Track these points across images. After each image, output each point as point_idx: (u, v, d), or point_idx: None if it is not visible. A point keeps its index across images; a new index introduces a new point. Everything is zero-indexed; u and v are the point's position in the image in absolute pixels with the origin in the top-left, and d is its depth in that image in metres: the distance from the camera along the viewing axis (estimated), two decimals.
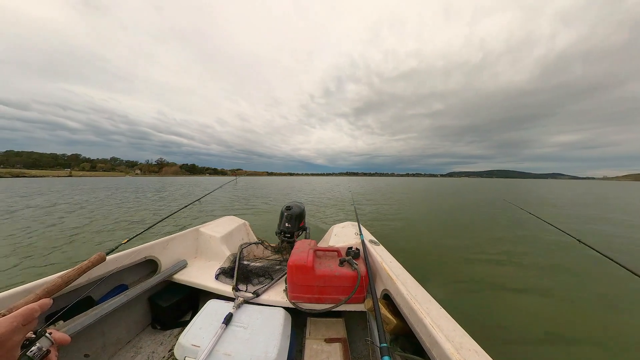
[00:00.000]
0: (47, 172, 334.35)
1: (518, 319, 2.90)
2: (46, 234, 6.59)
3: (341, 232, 2.46)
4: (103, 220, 8.43)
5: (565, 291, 3.59)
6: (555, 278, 4.07)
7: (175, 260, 2.09)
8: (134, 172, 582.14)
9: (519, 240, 6.38)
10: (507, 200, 5.90)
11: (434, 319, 0.99)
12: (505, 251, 5.42)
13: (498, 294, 3.52)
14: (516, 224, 8.10)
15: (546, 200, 18.82)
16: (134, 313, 1.82)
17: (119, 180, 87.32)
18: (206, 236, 2.38)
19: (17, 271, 4.13)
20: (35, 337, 0.58)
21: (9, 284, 3.81)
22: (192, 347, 1.12)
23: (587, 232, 7.51)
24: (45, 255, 4.91)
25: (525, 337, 2.62)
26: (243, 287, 1.74)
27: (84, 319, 1.28)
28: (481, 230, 7.51)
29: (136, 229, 7.27)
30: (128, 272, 1.81)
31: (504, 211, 11.25)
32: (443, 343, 0.85)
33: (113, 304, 1.45)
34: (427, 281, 3.78)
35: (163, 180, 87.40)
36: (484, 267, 4.48)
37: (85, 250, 5.25)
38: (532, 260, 4.88)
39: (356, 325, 1.93)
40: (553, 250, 5.52)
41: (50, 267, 4.33)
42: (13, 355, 0.49)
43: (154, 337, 1.82)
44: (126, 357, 1.63)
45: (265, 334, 1.23)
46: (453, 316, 1.02)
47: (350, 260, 1.58)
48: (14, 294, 1.15)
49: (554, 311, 3.10)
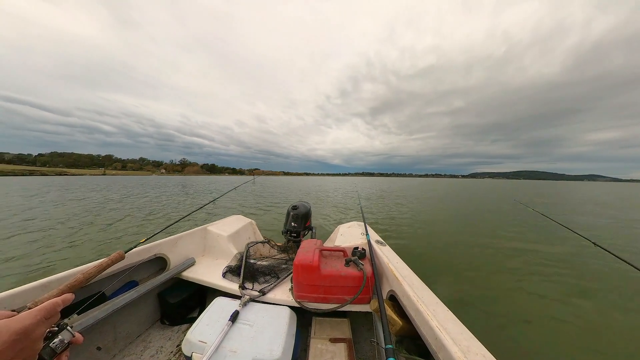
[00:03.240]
0: (84, 171, 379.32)
1: (533, 329, 2.80)
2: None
3: (347, 232, 2.44)
4: (136, 215, 9.13)
5: (594, 314, 3.15)
6: (586, 297, 3.55)
7: (183, 258, 2.13)
8: (160, 171, 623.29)
9: (544, 249, 6.04)
10: (519, 201, 5.67)
11: (441, 321, 0.97)
12: (517, 248, 5.29)
13: (513, 301, 3.41)
14: (538, 230, 7.72)
15: (578, 203, 17.46)
16: (144, 309, 1.87)
17: (147, 178, 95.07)
18: (214, 235, 2.41)
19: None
20: (57, 329, 0.61)
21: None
22: (199, 343, 1.14)
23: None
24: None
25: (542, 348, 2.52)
26: (249, 285, 1.76)
27: (96, 313, 1.32)
28: (494, 231, 7.35)
29: (153, 226, 7.61)
30: (138, 268, 1.86)
31: (522, 214, 10.92)
32: (450, 346, 0.83)
33: (124, 300, 1.49)
34: (434, 283, 3.71)
35: (185, 179, 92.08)
36: (496, 271, 4.38)
37: (103, 245, 5.51)
38: (554, 270, 4.52)
39: (361, 325, 1.92)
40: (578, 258, 5.19)
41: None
42: (37, 345, 0.52)
43: (163, 332, 1.87)
44: (136, 351, 1.67)
45: (270, 332, 1.24)
46: (461, 319, 1.00)
47: (356, 260, 1.58)
48: (36, 287, 1.21)
49: (576, 327, 2.85)
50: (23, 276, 3.94)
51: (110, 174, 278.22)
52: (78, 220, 8.22)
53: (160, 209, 10.89)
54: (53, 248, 5.31)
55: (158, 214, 9.68)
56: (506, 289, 3.69)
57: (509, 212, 11.31)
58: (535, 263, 4.78)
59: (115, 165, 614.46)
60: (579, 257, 5.11)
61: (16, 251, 5.10)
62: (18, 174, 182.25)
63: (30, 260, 4.60)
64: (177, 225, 7.35)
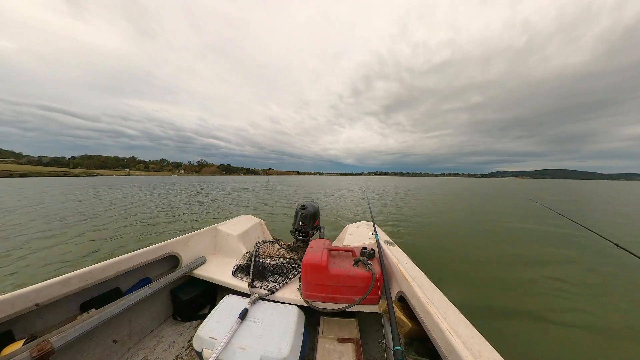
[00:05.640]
0: (111, 172, 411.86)
1: (549, 335, 2.69)
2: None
3: (356, 232, 2.43)
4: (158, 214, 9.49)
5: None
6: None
7: (195, 257, 2.18)
8: (179, 171, 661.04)
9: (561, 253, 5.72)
10: (534, 199, 5.35)
11: (452, 324, 0.94)
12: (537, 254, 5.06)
13: (527, 305, 3.27)
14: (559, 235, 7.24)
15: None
16: (157, 305, 1.94)
17: (169, 178, 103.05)
18: (224, 234, 2.46)
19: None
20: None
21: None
22: (209, 339, 1.17)
23: None
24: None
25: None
26: (258, 283, 1.78)
27: (113, 307, 1.38)
28: (509, 232, 7.09)
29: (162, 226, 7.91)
30: (152, 266, 1.92)
31: (541, 215, 10.46)
32: (460, 350, 0.81)
33: (138, 296, 1.54)
34: (445, 285, 3.61)
35: (202, 179, 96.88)
36: (510, 276, 4.22)
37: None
38: (574, 273, 4.21)
39: (370, 326, 1.91)
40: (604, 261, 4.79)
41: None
42: None
43: (175, 328, 1.92)
44: (149, 345, 1.73)
45: (279, 330, 1.25)
46: (473, 323, 0.97)
47: (364, 260, 1.56)
48: (59, 282, 1.29)
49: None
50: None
51: (134, 175, 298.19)
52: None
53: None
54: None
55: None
56: (521, 293, 3.56)
57: (527, 212, 10.86)
58: (553, 263, 4.59)
59: (139, 166, 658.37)
60: (608, 266, 4.78)
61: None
62: (54, 175, 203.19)
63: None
64: (189, 224, 7.71)
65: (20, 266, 4.33)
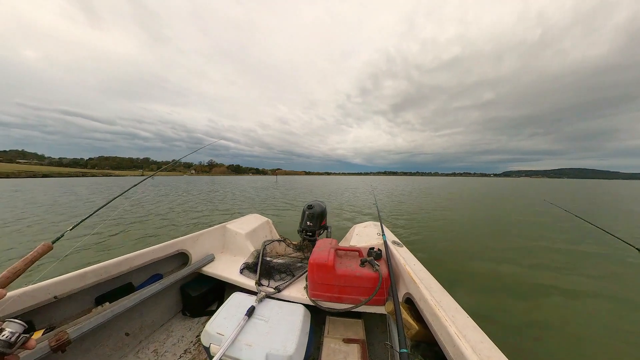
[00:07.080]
0: (126, 173, 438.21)
1: (563, 345, 2.57)
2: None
3: (363, 232, 2.41)
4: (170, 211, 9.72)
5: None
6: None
7: (204, 254, 2.23)
8: (190, 172, 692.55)
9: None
10: (549, 200, 5.01)
11: (460, 328, 0.92)
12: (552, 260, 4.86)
13: (540, 311, 3.15)
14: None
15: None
16: (167, 300, 1.99)
17: (181, 178, 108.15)
18: (232, 232, 2.50)
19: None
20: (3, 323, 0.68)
21: None
22: (217, 335, 1.19)
23: None
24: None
25: None
26: (265, 282, 1.80)
27: (126, 302, 1.44)
28: (521, 237, 6.84)
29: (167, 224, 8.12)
30: (163, 262, 1.98)
31: (557, 217, 10.04)
32: (469, 355, 0.79)
33: (150, 291, 1.59)
34: (454, 288, 3.53)
35: (213, 179, 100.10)
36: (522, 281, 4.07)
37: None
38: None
39: (376, 327, 1.89)
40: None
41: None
42: None
43: (184, 323, 1.98)
44: (159, 338, 1.79)
45: (284, 328, 1.26)
46: (482, 327, 0.94)
47: (371, 261, 1.55)
48: (75, 276, 1.34)
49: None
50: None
51: (147, 175, 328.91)
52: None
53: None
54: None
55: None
56: (534, 298, 3.43)
57: (540, 213, 10.45)
58: (570, 269, 4.39)
59: (152, 167, 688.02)
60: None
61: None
62: (72, 175, 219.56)
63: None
64: (199, 222, 7.92)
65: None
